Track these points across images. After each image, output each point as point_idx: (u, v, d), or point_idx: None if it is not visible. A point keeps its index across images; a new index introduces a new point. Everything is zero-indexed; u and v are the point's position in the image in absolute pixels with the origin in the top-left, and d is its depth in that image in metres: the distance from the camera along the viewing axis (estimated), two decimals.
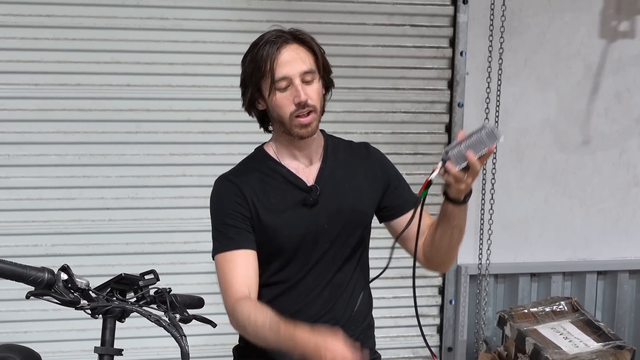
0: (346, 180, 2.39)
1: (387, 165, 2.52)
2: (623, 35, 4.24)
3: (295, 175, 2.35)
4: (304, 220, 2.29)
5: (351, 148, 2.50)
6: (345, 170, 2.41)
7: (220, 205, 2.33)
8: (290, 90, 2.22)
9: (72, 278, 1.93)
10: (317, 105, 2.26)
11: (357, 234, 2.39)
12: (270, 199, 2.31)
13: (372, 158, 2.49)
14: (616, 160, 4.33)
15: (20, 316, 3.81)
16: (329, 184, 2.36)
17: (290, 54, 2.22)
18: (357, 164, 2.45)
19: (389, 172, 2.49)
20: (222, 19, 3.83)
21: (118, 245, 3.87)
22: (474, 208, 4.16)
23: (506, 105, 4.13)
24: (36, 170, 3.77)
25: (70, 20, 3.71)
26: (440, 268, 2.57)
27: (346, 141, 2.53)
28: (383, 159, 2.53)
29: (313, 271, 2.33)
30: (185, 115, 3.85)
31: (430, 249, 2.39)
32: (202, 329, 2.34)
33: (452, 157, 2.05)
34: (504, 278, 4.33)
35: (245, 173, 2.37)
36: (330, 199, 2.35)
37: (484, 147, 2.03)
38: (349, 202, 2.37)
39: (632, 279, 4.46)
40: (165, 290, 2.10)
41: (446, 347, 4.26)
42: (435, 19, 4.04)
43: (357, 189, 2.40)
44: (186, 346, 1.93)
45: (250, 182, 2.33)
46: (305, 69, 2.23)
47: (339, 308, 2.37)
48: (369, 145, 2.55)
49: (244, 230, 2.28)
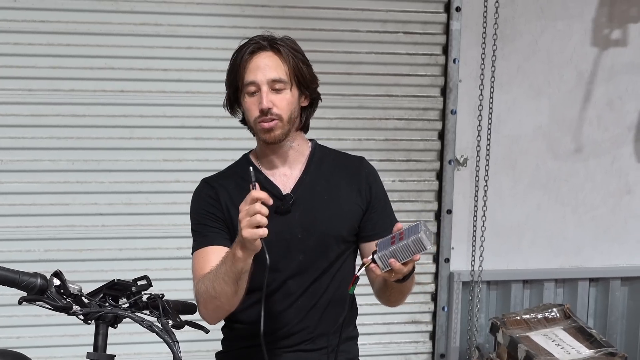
0: (326, 192, 2.38)
1: (376, 185, 2.47)
2: (615, 44, 4.25)
3: (271, 182, 2.36)
4: (276, 228, 2.24)
5: (342, 160, 2.48)
6: (327, 182, 2.40)
7: (196, 206, 2.40)
8: (257, 96, 2.26)
9: (64, 284, 1.93)
10: (283, 114, 2.27)
11: (334, 247, 2.37)
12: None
13: (362, 173, 2.45)
14: (608, 167, 4.35)
15: (13, 321, 3.80)
16: (306, 194, 2.36)
17: (263, 60, 2.25)
18: (342, 177, 2.42)
19: (375, 192, 2.44)
20: (215, 25, 3.84)
21: (111, 250, 3.87)
22: (467, 215, 4.18)
23: (499, 113, 4.14)
24: (29, 175, 3.77)
25: (64, 26, 3.71)
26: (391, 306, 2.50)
27: (340, 153, 2.52)
28: (374, 177, 2.48)
29: (289, 280, 2.33)
30: (179, 121, 3.86)
31: (378, 295, 2.42)
32: (194, 334, 2.34)
33: (377, 259, 2.03)
34: (496, 285, 4.34)
35: (226, 177, 2.42)
36: (306, 209, 2.35)
37: (409, 255, 2.00)
38: (325, 215, 2.35)
39: (624, 286, 4.47)
40: (158, 296, 2.10)
41: (439, 354, 4.26)
42: (428, 27, 4.05)
43: (337, 202, 2.38)
44: (178, 352, 1.93)
45: (228, 186, 2.37)
46: (273, 77, 2.25)
47: (314, 317, 2.36)
48: (364, 160, 2.51)
49: (217, 229, 2.33)
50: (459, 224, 4.20)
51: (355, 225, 2.40)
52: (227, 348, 2.51)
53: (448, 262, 4.20)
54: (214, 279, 2.16)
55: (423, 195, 4.16)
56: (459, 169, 4.16)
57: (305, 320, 2.35)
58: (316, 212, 2.34)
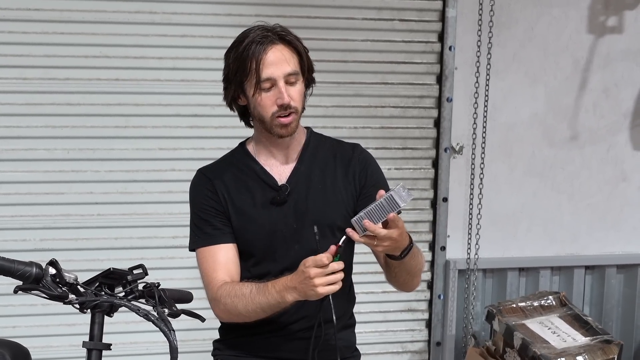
0: (321, 181, 2.38)
1: (371, 169, 2.44)
2: (611, 31, 4.25)
3: (268, 173, 2.36)
4: (272, 219, 2.28)
5: (337, 148, 2.47)
6: (322, 171, 2.39)
7: (194, 198, 2.41)
8: (273, 91, 2.25)
9: (60, 272, 1.93)
10: (298, 106, 2.28)
11: (330, 236, 2.32)
12: (241, 195, 2.36)
13: (355, 159, 2.43)
14: (604, 155, 4.35)
15: (9, 311, 3.79)
16: (301, 183, 2.36)
17: (276, 54, 2.23)
18: (337, 166, 2.41)
19: (369, 176, 2.42)
20: (210, 13, 3.82)
21: (107, 240, 3.86)
22: (463, 202, 4.18)
23: (494, 100, 4.14)
24: (24, 164, 3.76)
25: (58, 14, 3.69)
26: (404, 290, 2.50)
27: (334, 140, 2.50)
28: (368, 161, 2.46)
29: (285, 271, 2.30)
30: (174, 110, 3.85)
31: (388, 279, 2.41)
32: (190, 323, 2.34)
33: (353, 223, 2.04)
34: (492, 273, 4.34)
35: (221, 168, 2.41)
36: (301, 199, 2.35)
37: (383, 215, 2.01)
38: (320, 204, 2.35)
39: (620, 274, 4.48)
40: (154, 284, 2.10)
41: (435, 342, 4.26)
42: (424, 14, 4.04)
43: (331, 191, 2.38)
44: (175, 341, 1.93)
45: (224, 177, 2.37)
46: (289, 71, 2.24)
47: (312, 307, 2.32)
48: (358, 146, 2.49)
49: (220, 224, 2.35)
50: (454, 211, 4.20)
51: (349, 211, 2.36)
52: (224, 336, 2.51)
53: (444, 250, 4.20)
54: (248, 303, 2.20)
55: (419, 183, 4.15)
56: (454, 157, 4.15)
57: (303, 309, 2.34)
58: (310, 202, 2.34)
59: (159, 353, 3.83)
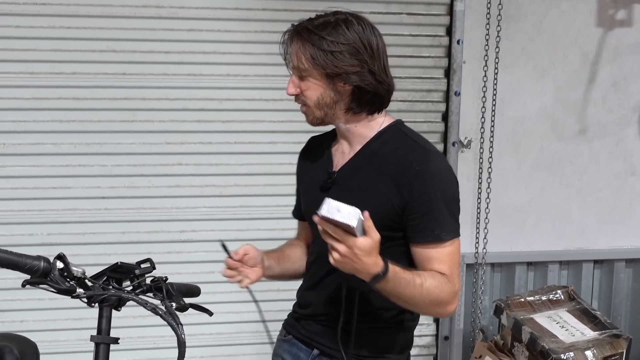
0: (370, 181, 2.27)
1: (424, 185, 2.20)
2: (620, 24, 4.23)
3: (330, 156, 2.39)
4: (317, 202, 2.17)
5: (407, 150, 2.28)
6: (374, 169, 2.27)
7: None
8: None
9: (68, 267, 1.93)
10: (307, 100, 2.26)
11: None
12: (308, 173, 2.47)
13: (411, 169, 2.21)
14: (613, 149, 4.33)
15: (17, 305, 3.80)
16: (349, 175, 2.31)
17: (294, 47, 2.27)
18: (394, 169, 2.24)
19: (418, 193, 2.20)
20: (217, 6, 3.81)
21: (114, 234, 3.86)
22: (471, 197, 4.16)
23: (503, 94, 4.12)
24: (32, 159, 3.76)
25: (65, 9, 3.69)
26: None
27: (412, 141, 2.31)
28: (424, 177, 2.20)
29: (318, 258, 2.34)
30: (181, 104, 3.84)
31: None
32: (198, 317, 2.33)
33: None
34: (500, 267, 4.33)
35: (312, 145, 2.53)
36: (344, 190, 2.28)
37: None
38: (357, 200, 2.10)
39: (629, 268, 4.47)
40: (162, 278, 2.10)
41: (442, 336, 4.26)
42: (432, 8, 4.03)
43: (370, 193, 2.25)
44: (182, 335, 1.93)
45: (306, 155, 2.51)
46: (295, 65, 2.27)
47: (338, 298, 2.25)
48: (428, 155, 2.26)
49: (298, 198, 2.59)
50: (463, 205, 4.07)
51: (384, 222, 2.15)
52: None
53: None
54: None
55: None
56: (462, 151, 4.14)
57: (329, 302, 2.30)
58: (348, 198, 2.08)
59: (166, 347, 3.83)
